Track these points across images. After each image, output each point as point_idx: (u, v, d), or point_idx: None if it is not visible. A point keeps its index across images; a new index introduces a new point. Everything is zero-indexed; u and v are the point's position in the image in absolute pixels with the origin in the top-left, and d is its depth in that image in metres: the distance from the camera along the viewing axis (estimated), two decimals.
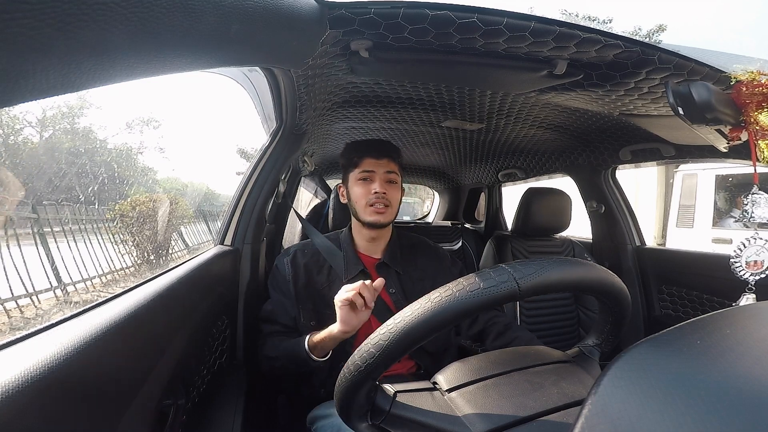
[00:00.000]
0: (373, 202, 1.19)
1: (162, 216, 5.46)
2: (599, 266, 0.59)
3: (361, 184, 1.21)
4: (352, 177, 1.24)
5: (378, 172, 1.21)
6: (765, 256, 0.85)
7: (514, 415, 0.52)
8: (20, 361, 0.43)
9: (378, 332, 0.53)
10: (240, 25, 0.47)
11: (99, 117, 51.89)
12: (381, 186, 1.19)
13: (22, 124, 11.52)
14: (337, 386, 0.56)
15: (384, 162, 1.22)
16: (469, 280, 0.51)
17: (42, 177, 7.73)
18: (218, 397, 1.00)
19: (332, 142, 1.90)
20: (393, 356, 0.51)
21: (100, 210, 5.28)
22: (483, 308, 0.50)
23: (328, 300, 1.14)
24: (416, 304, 0.52)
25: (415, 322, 0.50)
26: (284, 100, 1.03)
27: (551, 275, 0.52)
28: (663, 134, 1.32)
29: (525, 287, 0.50)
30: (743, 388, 0.34)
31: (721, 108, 0.82)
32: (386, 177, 1.21)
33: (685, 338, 0.43)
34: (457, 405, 0.55)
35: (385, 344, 0.51)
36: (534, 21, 0.73)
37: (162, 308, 0.73)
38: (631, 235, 1.88)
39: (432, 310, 0.50)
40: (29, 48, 0.27)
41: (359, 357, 0.53)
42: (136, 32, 0.34)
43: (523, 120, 1.47)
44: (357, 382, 0.53)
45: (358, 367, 0.53)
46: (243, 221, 1.27)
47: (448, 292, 0.50)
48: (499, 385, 0.58)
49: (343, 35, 0.76)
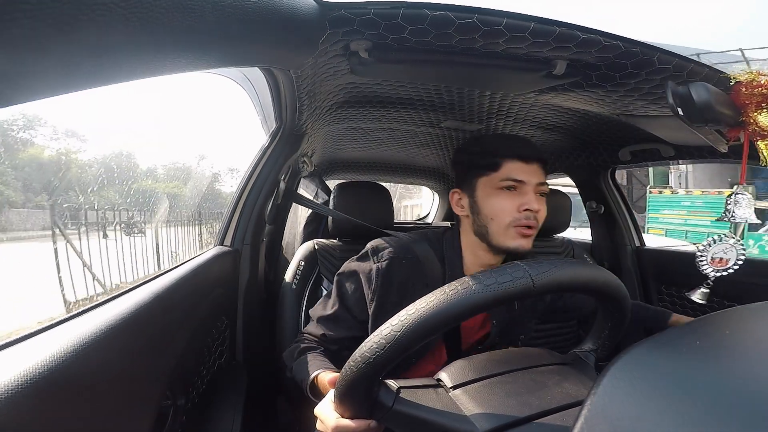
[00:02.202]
0: (523, 223, 0.91)
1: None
2: (606, 270, 0.60)
3: (506, 196, 0.93)
4: (488, 183, 0.95)
5: (530, 183, 0.93)
6: (731, 255, 0.85)
7: (519, 413, 0.52)
8: (20, 361, 0.43)
9: (390, 323, 0.52)
10: (239, 26, 0.47)
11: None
12: (536, 201, 0.92)
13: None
14: (341, 380, 0.56)
15: (535, 168, 0.95)
16: (486, 275, 0.51)
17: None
18: (218, 397, 1.00)
19: (332, 142, 1.90)
20: (404, 347, 0.51)
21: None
22: (497, 303, 0.50)
23: None
24: (431, 295, 0.51)
25: (429, 314, 0.50)
26: (284, 101, 1.03)
27: (563, 274, 0.53)
28: (663, 135, 1.32)
29: (540, 284, 0.51)
30: (743, 388, 0.34)
31: (721, 108, 0.82)
32: (539, 189, 0.95)
33: (685, 339, 0.43)
34: (461, 402, 0.55)
35: (398, 335, 0.50)
36: (534, 21, 0.73)
37: (161, 309, 0.73)
38: (630, 236, 1.88)
39: (448, 302, 0.50)
40: (29, 48, 0.27)
41: (368, 349, 0.52)
42: (135, 33, 0.34)
43: (522, 121, 1.47)
44: (365, 375, 0.52)
45: (367, 359, 0.52)
46: (242, 221, 1.27)
47: (465, 285, 0.50)
48: (504, 383, 0.58)
49: (343, 36, 0.76)
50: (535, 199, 0.92)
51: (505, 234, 0.92)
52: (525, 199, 0.91)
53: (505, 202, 0.92)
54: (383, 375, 0.54)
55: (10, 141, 8.14)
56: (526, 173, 0.93)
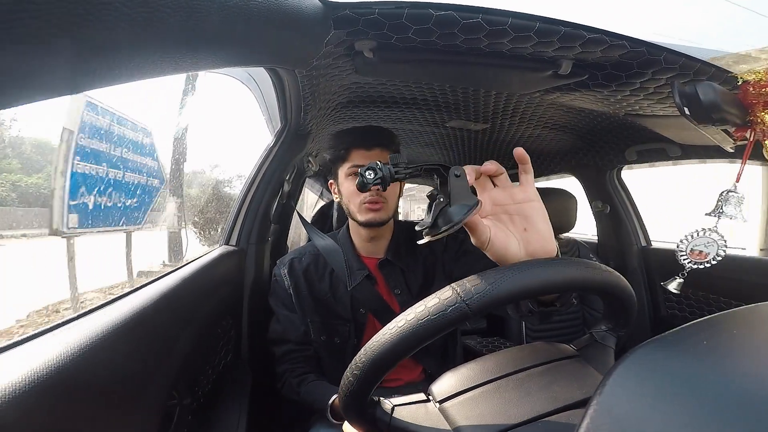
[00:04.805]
0: (367, 200, 1.07)
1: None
2: (555, 261, 0.54)
3: (352, 181, 1.08)
4: (342, 173, 1.12)
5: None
6: (712, 250, 0.85)
7: (505, 423, 0.51)
8: (27, 362, 0.43)
9: (351, 364, 0.52)
10: (244, 26, 0.47)
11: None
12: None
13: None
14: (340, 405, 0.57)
15: (375, 153, 1.09)
16: (419, 308, 0.48)
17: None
18: (223, 397, 1.00)
19: None
20: (369, 383, 0.51)
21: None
22: (435, 335, 0.47)
23: (334, 309, 1.13)
24: (378, 335, 0.50)
25: (377, 353, 0.49)
26: (289, 101, 1.03)
27: (502, 288, 0.47)
28: (669, 134, 1.32)
29: (475, 307, 0.46)
30: (750, 388, 0.33)
31: (728, 108, 0.81)
32: None
33: (692, 338, 0.42)
34: (448, 416, 0.55)
35: (359, 374, 0.50)
36: (539, 21, 0.72)
37: (168, 308, 0.73)
38: (636, 236, 1.87)
39: (390, 341, 0.48)
40: (35, 48, 0.27)
41: (345, 380, 0.53)
42: (141, 32, 0.34)
43: (527, 120, 1.47)
44: (353, 397, 0.53)
45: (351, 384, 0.52)
46: (248, 221, 1.28)
47: (402, 322, 0.48)
48: (492, 392, 0.57)
49: (348, 35, 0.76)
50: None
51: (359, 211, 1.09)
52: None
53: (352, 185, 1.07)
54: (373, 393, 0.55)
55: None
56: (366, 158, 1.07)
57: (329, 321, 1.13)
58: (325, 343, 1.11)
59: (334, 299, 1.14)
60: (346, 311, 1.13)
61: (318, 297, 1.15)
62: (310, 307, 1.13)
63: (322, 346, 1.13)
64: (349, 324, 1.13)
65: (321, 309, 1.14)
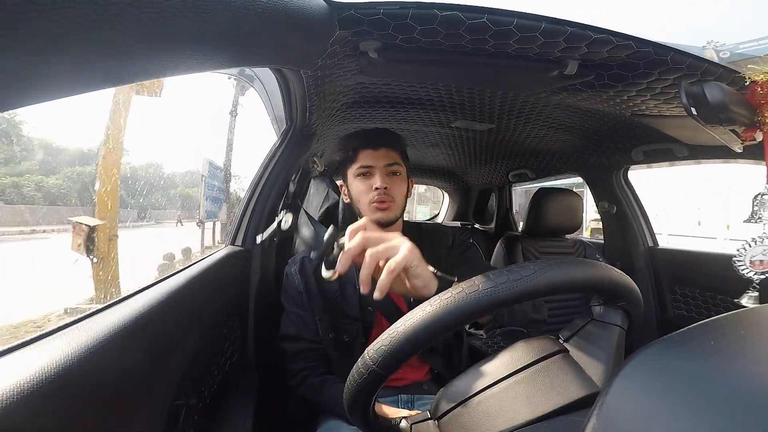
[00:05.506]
0: (375, 199, 1.08)
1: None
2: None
3: (361, 181, 1.11)
4: (351, 173, 1.14)
5: (377, 166, 1.09)
6: None
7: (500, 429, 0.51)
8: (34, 362, 0.43)
9: (381, 338, 0.51)
10: (250, 26, 0.47)
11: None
12: (382, 180, 1.08)
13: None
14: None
15: (382, 153, 1.11)
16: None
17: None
18: (229, 397, 1.00)
19: None
20: (372, 388, 0.52)
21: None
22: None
23: (343, 308, 1.14)
24: (384, 333, 0.51)
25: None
26: (294, 101, 1.03)
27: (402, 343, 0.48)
28: (676, 134, 1.31)
29: (383, 365, 0.49)
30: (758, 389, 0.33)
31: (736, 108, 0.81)
32: (387, 170, 1.10)
33: (699, 339, 0.42)
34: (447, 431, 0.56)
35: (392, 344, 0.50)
36: (544, 21, 0.72)
37: (174, 309, 0.73)
38: (643, 236, 1.87)
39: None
40: (42, 49, 0.27)
41: (352, 379, 0.53)
42: (147, 33, 0.34)
43: (533, 120, 1.47)
44: (361, 393, 0.53)
45: (359, 385, 0.52)
46: (254, 221, 1.28)
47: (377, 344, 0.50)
48: (485, 400, 0.56)
49: (353, 36, 0.76)
50: (382, 178, 1.08)
51: (368, 210, 1.10)
52: (373, 180, 1.09)
53: (361, 185, 1.11)
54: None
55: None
56: (374, 158, 1.10)
57: (338, 320, 1.14)
58: (333, 340, 1.12)
59: (343, 298, 1.15)
60: (354, 310, 1.14)
61: (327, 296, 1.16)
62: (320, 306, 1.14)
63: (330, 343, 1.14)
64: (357, 323, 1.13)
65: (330, 308, 1.15)
